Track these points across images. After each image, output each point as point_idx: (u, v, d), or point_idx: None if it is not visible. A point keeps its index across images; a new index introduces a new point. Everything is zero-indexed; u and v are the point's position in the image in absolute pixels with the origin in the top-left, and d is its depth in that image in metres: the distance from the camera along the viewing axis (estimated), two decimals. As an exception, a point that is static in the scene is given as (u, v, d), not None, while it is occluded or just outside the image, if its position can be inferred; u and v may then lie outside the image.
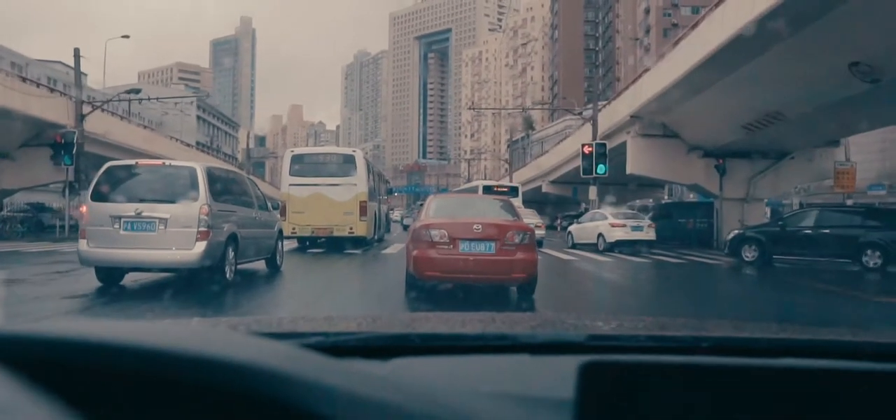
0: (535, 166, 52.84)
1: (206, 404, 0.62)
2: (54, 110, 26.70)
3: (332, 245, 18.72)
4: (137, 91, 28.98)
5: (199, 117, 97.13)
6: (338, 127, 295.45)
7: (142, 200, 8.89)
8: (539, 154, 60.78)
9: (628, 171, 25.64)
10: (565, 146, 40.91)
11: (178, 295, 9.07)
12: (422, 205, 10.88)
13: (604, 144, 26.45)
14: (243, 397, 0.61)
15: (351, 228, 18.57)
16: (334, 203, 18.50)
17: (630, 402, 0.77)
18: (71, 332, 0.65)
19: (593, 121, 29.07)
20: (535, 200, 52.02)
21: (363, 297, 10.39)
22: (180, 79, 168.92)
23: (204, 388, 0.61)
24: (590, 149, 26.46)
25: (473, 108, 72.03)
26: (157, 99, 38.19)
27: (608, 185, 28.01)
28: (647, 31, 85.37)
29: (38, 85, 28.70)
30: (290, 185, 19.00)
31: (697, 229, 26.61)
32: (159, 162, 10.37)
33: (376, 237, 21.70)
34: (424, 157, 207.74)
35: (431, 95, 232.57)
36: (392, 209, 39.72)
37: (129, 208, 8.81)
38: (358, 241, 18.94)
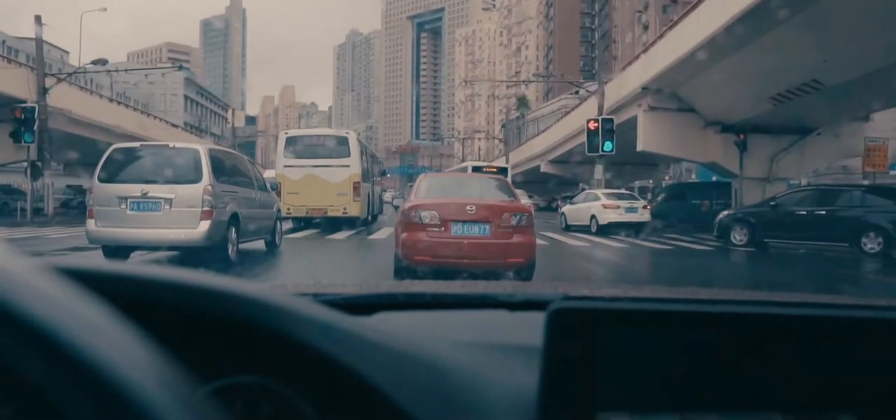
0: (533, 145, 50.91)
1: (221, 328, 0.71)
2: (13, 83, 24.44)
3: (325, 225, 19.08)
4: (104, 61, 26.75)
5: (187, 97, 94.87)
6: (330, 108, 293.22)
7: (147, 181, 9.26)
8: (535, 134, 58.96)
9: (639, 148, 23.65)
10: (565, 124, 38.93)
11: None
12: (412, 185, 10.16)
13: (611, 120, 24.66)
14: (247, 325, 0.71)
15: (345, 209, 18.98)
16: (328, 184, 18.89)
17: (601, 344, 0.81)
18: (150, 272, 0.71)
19: (599, 94, 27.16)
20: (534, 181, 50.32)
21: (360, 271, 10.91)
22: (170, 59, 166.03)
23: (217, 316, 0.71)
24: (596, 124, 24.77)
25: (468, 81, 70.89)
26: (126, 70, 35.97)
27: (608, 164, 26.58)
28: (646, 8, 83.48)
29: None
30: (285, 166, 19.33)
31: (714, 212, 24.46)
32: (163, 144, 11.13)
33: (370, 217, 22.23)
34: (417, 137, 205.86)
35: (424, 76, 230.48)
36: (385, 190, 39.12)
37: (135, 189, 9.19)
38: (351, 221, 19.40)
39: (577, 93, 58.62)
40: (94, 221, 9.33)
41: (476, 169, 29.59)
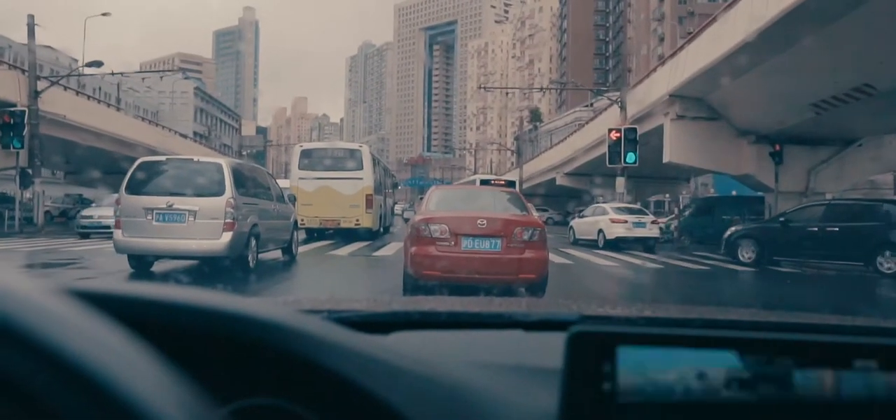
0: (548, 157, 49.43)
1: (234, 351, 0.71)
2: (3, 87, 23.23)
3: (338, 237, 19.22)
4: (99, 64, 25.55)
5: (197, 107, 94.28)
6: (342, 119, 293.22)
7: (172, 193, 9.62)
8: (548, 146, 57.54)
9: (666, 159, 22.11)
10: (583, 135, 37.41)
11: (206, 281, 9.64)
12: (422, 198, 10.03)
13: (634, 129, 23.31)
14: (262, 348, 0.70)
15: (357, 220, 19.43)
16: (341, 196, 19.34)
17: (622, 368, 0.81)
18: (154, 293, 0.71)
19: (621, 102, 25.67)
20: (550, 194, 48.80)
21: (373, 280, 11.24)
22: (181, 68, 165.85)
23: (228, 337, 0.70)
24: (617, 134, 23.45)
25: (484, 88, 70.82)
26: (122, 74, 34.84)
27: (627, 177, 25.41)
28: (662, 19, 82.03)
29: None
30: (299, 178, 19.77)
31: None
32: (188, 157, 11.49)
33: (382, 229, 22.59)
34: (429, 150, 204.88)
35: (436, 88, 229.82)
36: (396, 202, 38.73)
37: (160, 201, 9.55)
38: (364, 233, 19.64)
39: (591, 105, 56.99)
40: (120, 231, 9.70)
41: (484, 182, 29.20)
